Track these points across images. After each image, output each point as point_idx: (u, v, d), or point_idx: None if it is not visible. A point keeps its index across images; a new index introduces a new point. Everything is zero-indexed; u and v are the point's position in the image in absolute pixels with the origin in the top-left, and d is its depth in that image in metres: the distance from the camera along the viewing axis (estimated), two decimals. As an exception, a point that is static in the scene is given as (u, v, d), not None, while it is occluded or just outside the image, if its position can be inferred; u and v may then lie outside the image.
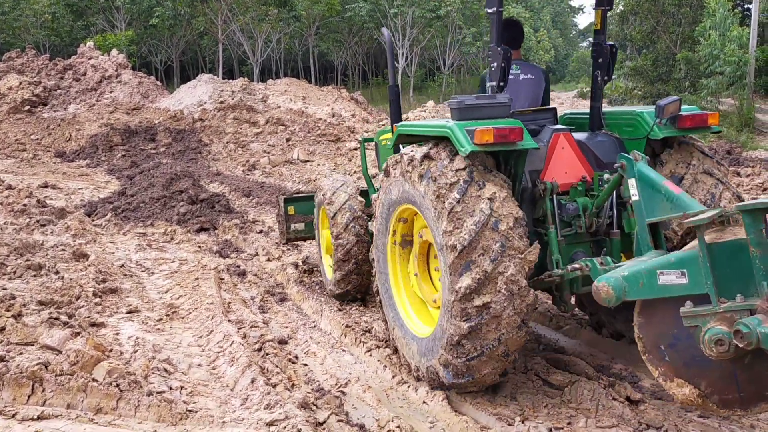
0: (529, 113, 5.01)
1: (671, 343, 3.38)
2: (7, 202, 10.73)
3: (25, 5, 44.52)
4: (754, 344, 2.95)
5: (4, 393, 4.34)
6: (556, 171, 4.58)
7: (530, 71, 5.32)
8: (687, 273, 3.23)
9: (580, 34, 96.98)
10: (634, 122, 4.76)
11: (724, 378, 3.25)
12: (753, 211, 3.01)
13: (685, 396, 3.36)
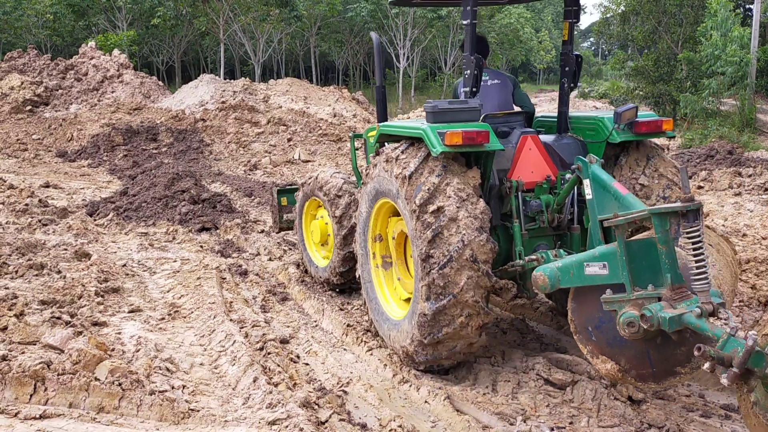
0: (501, 116, 5.44)
1: (597, 325, 3.83)
2: (9, 201, 10.73)
3: (26, 5, 44.52)
4: (655, 326, 3.40)
5: (6, 392, 4.35)
6: (523, 170, 5.00)
7: (497, 77, 5.79)
8: (608, 265, 3.70)
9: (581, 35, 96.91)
10: (595, 127, 5.15)
11: (639, 356, 3.70)
12: (660, 215, 3.44)
13: (607, 371, 3.80)
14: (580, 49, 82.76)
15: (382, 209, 5.33)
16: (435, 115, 4.72)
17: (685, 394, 4.76)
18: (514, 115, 5.56)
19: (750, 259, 7.40)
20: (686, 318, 3.33)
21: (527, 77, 72.74)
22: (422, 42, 39.62)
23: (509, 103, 5.75)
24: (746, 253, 7.76)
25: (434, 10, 36.48)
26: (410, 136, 4.93)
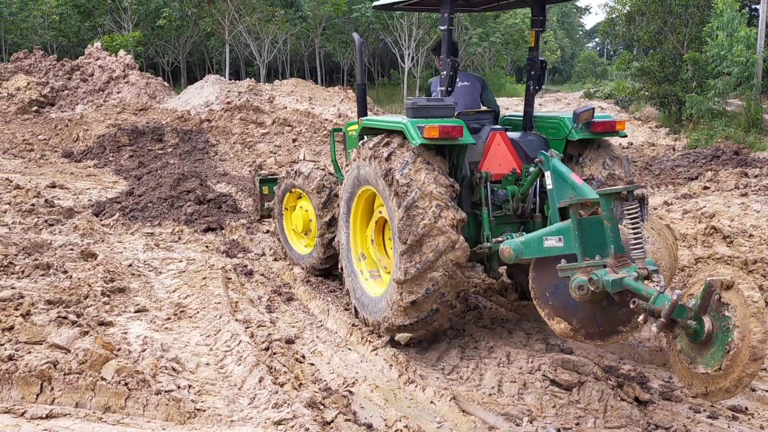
0: (472, 114, 5.97)
1: (553, 291, 4.39)
2: (15, 202, 10.77)
3: (32, 6, 44.67)
4: (600, 288, 3.98)
5: (13, 391, 4.36)
6: (492, 163, 5.52)
7: (467, 79, 6.30)
8: (563, 239, 4.32)
9: (586, 35, 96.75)
10: (557, 126, 5.71)
11: (588, 317, 4.26)
12: (606, 195, 4.06)
13: (561, 330, 4.37)
14: (586, 49, 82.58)
15: (363, 196, 5.81)
16: (414, 111, 5.20)
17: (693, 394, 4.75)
18: (484, 114, 6.11)
19: (756, 260, 7.37)
20: (626, 281, 3.90)
21: (532, 77, 72.62)
22: (427, 42, 39.57)
23: (477, 102, 6.28)
24: (753, 253, 7.73)
25: (439, 11, 36.45)
26: (391, 130, 5.41)
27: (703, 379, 3.52)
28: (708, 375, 3.47)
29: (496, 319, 6.11)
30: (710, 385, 3.47)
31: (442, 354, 5.44)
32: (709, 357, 3.48)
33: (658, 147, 19.87)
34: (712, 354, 3.47)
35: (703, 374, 3.51)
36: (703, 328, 3.48)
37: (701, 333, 3.49)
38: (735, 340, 3.31)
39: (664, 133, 23.22)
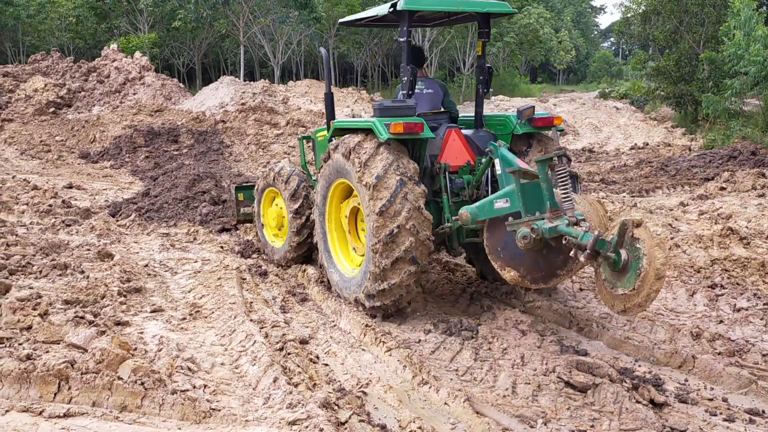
0: (431, 115, 6.75)
1: (503, 245, 5.23)
2: (33, 202, 10.89)
3: (50, 8, 45.11)
4: (540, 235, 4.80)
5: (31, 390, 4.41)
6: (449, 156, 6.30)
7: (431, 87, 6.97)
8: (509, 200, 5.19)
9: (601, 34, 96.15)
10: (504, 123, 6.62)
11: (532, 264, 5.08)
12: (541, 161, 4.85)
13: (512, 277, 5.19)
14: (601, 49, 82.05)
15: (337, 190, 6.59)
16: (381, 111, 6.01)
17: (708, 397, 4.72)
18: (441, 115, 6.87)
19: (774, 262, 7.30)
20: (559, 227, 4.71)
21: (547, 78, 72.23)
22: (441, 43, 39.52)
23: (439, 106, 6.98)
24: (770, 255, 7.66)
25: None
26: (362, 128, 6.17)
27: (622, 298, 4.32)
28: (625, 295, 4.28)
29: (509, 320, 6.10)
30: (627, 303, 4.29)
31: (455, 355, 5.44)
32: (626, 281, 4.29)
33: (674, 147, 19.73)
34: (628, 278, 4.27)
35: (621, 295, 4.31)
36: (620, 258, 4.29)
37: (619, 262, 4.30)
38: (644, 265, 4.12)
39: (680, 133, 23.04)
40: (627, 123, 26.51)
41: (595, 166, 16.13)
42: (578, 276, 7.39)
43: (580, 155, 18.08)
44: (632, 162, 16.74)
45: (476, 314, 6.40)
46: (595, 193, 11.49)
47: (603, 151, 19.76)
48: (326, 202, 6.71)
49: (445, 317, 6.22)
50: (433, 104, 6.88)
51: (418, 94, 6.75)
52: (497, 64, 48.74)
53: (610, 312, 6.29)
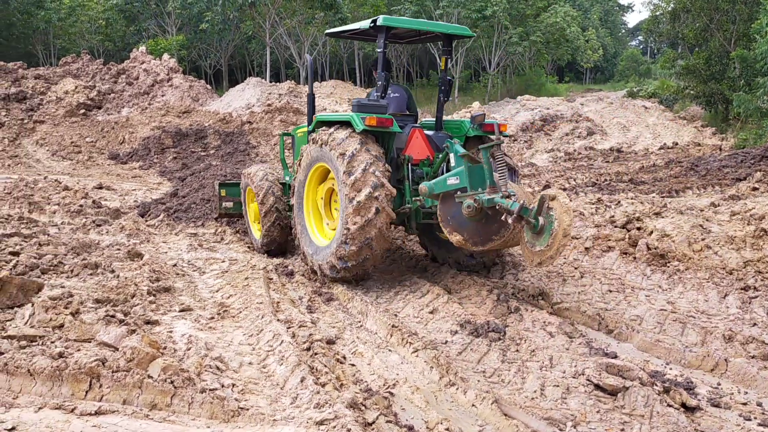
0: (398, 116, 7.71)
1: (452, 215, 6.30)
2: (64, 202, 11.07)
3: (80, 11, 45.90)
4: (481, 206, 5.94)
5: (63, 388, 4.47)
6: (412, 150, 7.39)
7: (397, 91, 8.08)
8: (459, 178, 6.28)
9: (629, 33, 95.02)
10: (459, 126, 7.69)
11: (474, 230, 6.18)
12: (484, 148, 6.09)
13: (457, 240, 6.27)
14: (629, 48, 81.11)
15: (316, 173, 7.56)
16: (358, 107, 7.10)
17: (742, 401, 4.63)
18: (408, 116, 7.96)
19: (809, 264, 7.14)
20: (495, 199, 5.84)
21: (573, 77, 71.59)
22: (466, 42, 39.39)
23: (404, 108, 8.02)
24: (805, 257, 7.49)
25: (479, 10, 36.24)
26: (341, 121, 7.23)
27: (539, 254, 5.47)
28: (541, 251, 5.44)
29: (537, 321, 6.05)
30: (542, 257, 5.43)
31: (483, 356, 5.41)
32: (542, 240, 5.44)
33: (704, 147, 19.42)
34: (544, 238, 5.42)
35: (538, 251, 5.48)
36: (538, 223, 5.46)
37: (537, 226, 5.47)
38: (555, 227, 5.29)
39: (710, 132, 22.67)
40: (656, 122, 26.14)
41: (623, 166, 15.94)
42: (607, 278, 7.31)
43: (608, 155, 17.88)
44: (661, 162, 16.51)
45: (503, 315, 6.35)
46: (624, 194, 11.36)
47: (631, 151, 19.51)
48: (305, 185, 7.68)
49: (472, 318, 6.19)
50: (399, 107, 7.97)
51: (388, 97, 7.82)
52: (523, 64, 48.44)
53: (640, 315, 6.22)
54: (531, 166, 16.19)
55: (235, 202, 9.82)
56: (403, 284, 7.36)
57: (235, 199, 9.81)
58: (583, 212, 9.89)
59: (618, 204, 10.27)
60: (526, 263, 5.99)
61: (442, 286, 7.20)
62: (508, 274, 7.65)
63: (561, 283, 7.29)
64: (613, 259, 7.87)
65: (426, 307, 6.61)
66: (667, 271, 7.30)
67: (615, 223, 9.10)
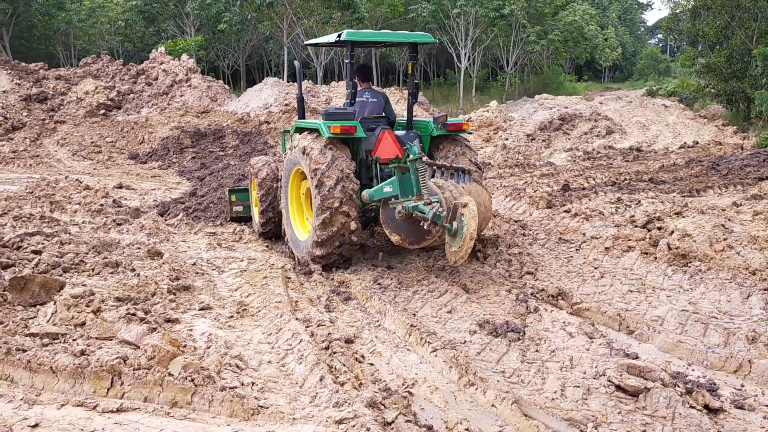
0: (371, 119, 8.45)
1: (390, 218, 7.04)
2: (85, 202, 11.18)
3: (100, 13, 46.38)
4: (407, 211, 6.69)
5: (85, 385, 4.52)
6: (381, 151, 7.99)
7: (375, 97, 8.65)
8: (392, 186, 7.03)
9: (648, 31, 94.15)
10: (425, 126, 8.34)
11: (408, 231, 6.93)
12: (413, 161, 6.62)
13: (396, 240, 7.04)
14: (648, 46, 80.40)
15: (296, 174, 8.24)
16: (326, 116, 7.69)
17: (766, 403, 4.56)
18: (380, 119, 8.56)
19: (835, 264, 7.02)
20: (419, 207, 6.54)
21: (592, 75, 71.07)
22: (484, 41, 39.25)
23: (380, 111, 8.61)
24: (830, 257, 7.37)
25: (497, 9, 36.09)
26: (312, 128, 7.96)
27: (453, 253, 6.38)
28: (455, 251, 6.34)
29: (557, 322, 6.01)
30: (455, 256, 6.36)
31: (502, 357, 5.38)
32: (456, 242, 6.32)
33: (725, 146, 19.18)
34: (457, 240, 6.29)
35: (453, 251, 6.38)
36: (452, 227, 6.30)
37: (451, 230, 6.32)
38: (465, 231, 6.18)
39: (731, 131, 22.38)
40: (676, 121, 25.87)
41: (643, 165, 15.79)
42: (628, 278, 7.25)
43: (627, 154, 17.72)
44: (682, 161, 16.34)
45: (522, 315, 6.32)
46: (644, 193, 11.25)
47: (651, 150, 19.32)
48: (289, 182, 8.40)
49: (491, 318, 6.16)
50: (376, 111, 8.60)
51: (365, 102, 8.54)
52: (541, 63, 48.20)
53: (661, 315, 6.17)
54: (549, 165, 16.08)
55: (244, 206, 10.35)
56: (421, 284, 7.34)
57: (244, 203, 10.35)
58: (602, 212, 9.82)
59: (638, 203, 10.17)
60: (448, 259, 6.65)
61: (461, 285, 7.17)
62: (527, 274, 7.61)
63: (581, 283, 7.24)
64: (633, 259, 7.80)
65: (444, 307, 6.60)
66: (689, 271, 7.22)
67: (635, 223, 9.02)
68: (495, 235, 8.99)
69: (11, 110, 22.01)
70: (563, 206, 10.44)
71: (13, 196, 11.71)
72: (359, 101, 8.46)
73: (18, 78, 24.00)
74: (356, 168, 7.82)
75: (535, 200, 10.88)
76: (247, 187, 10.40)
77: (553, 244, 8.76)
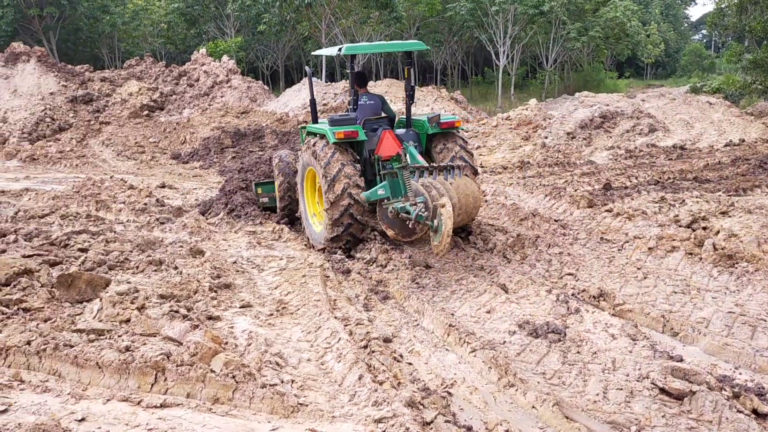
0: (373, 120, 9.17)
1: (385, 216, 7.64)
2: (130, 201, 11.42)
3: (143, 15, 47.32)
4: (396, 210, 7.40)
5: (130, 381, 4.62)
6: (383, 149, 8.74)
7: (372, 99, 9.45)
8: (385, 189, 7.93)
9: (692, 26, 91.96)
10: (422, 124, 9.12)
11: (400, 227, 7.58)
12: (400, 168, 7.63)
13: (391, 234, 7.70)
14: (691, 42, 78.60)
15: (309, 174, 9.24)
16: (331, 122, 8.65)
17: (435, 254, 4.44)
18: (382, 119, 9.28)
19: None
20: (406, 207, 7.30)
21: (633, 72, 69.77)
22: (523, 39, 38.85)
23: (379, 112, 9.42)
24: None
25: (536, 6, 35.69)
26: (320, 133, 8.82)
27: (435, 246, 7.03)
28: (437, 244, 6.98)
29: (598, 323, 5.92)
30: (437, 249, 6.99)
31: (542, 358, 5.32)
32: (437, 237, 6.97)
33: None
34: (438, 235, 6.95)
35: (435, 244, 7.04)
36: (433, 224, 7.01)
37: (433, 226, 7.02)
38: (443, 228, 6.82)
39: (780, 128, 21.71)
40: (721, 119, 25.20)
41: (687, 163, 15.43)
42: (672, 279, 7.10)
43: (671, 152, 17.34)
44: (727, 159, 15.91)
45: (563, 316, 6.24)
46: (688, 192, 11.00)
47: (695, 148, 18.86)
48: (304, 179, 9.38)
49: (530, 319, 6.10)
50: (374, 112, 9.37)
51: (365, 105, 9.34)
52: (581, 60, 47.50)
53: (707, 317, 6.03)
54: (590, 163, 15.83)
55: (270, 198, 11.18)
56: (460, 283, 7.31)
57: (270, 194, 11.18)
58: (645, 211, 9.63)
59: (682, 203, 9.96)
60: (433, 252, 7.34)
61: (499, 285, 7.12)
62: (568, 274, 7.51)
63: (623, 284, 7.12)
64: (677, 260, 7.64)
65: (483, 307, 6.56)
66: (735, 272, 7.03)
67: (679, 223, 8.82)
68: (535, 235, 8.90)
69: (58, 111, 22.61)
70: (605, 205, 10.27)
71: (61, 195, 12.02)
72: (360, 105, 9.32)
73: (65, 80, 24.63)
74: (361, 167, 8.67)
75: (575, 199, 10.73)
76: (271, 180, 11.15)
77: (595, 243, 8.62)
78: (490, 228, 9.60)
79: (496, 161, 16.57)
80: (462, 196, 7.55)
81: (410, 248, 8.79)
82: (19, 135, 20.90)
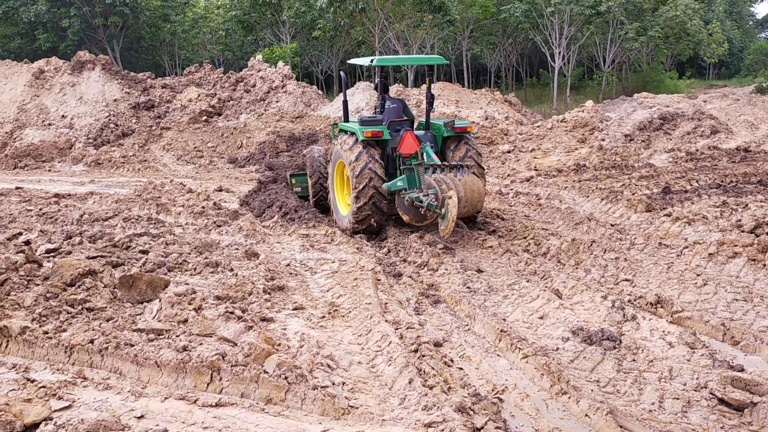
0: (397, 121, 10.39)
1: (403, 203, 9.01)
2: (188, 204, 11.72)
3: (202, 23, 48.51)
4: (412, 200, 8.86)
5: (186, 380, 4.75)
6: (404, 147, 9.71)
7: (394, 102, 10.73)
8: (403, 181, 9.09)
9: (758, 25, 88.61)
10: (439, 128, 10.20)
11: (415, 213, 8.93)
12: (417, 165, 9.01)
13: (407, 219, 9.10)
14: (757, 41, 75.74)
15: (339, 165, 10.40)
16: (361, 123, 9.85)
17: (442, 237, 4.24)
18: (405, 121, 10.54)
19: None
20: (420, 197, 8.62)
21: (695, 72, 67.69)
22: (579, 40, 38.17)
23: (401, 114, 10.64)
24: None
25: (593, 6, 35.03)
26: (351, 131, 10.01)
27: (443, 230, 8.31)
28: (444, 228, 8.30)
29: (655, 330, 5.78)
30: (444, 233, 8.31)
31: (596, 365, 5.23)
32: (444, 222, 8.26)
33: None
34: (444, 221, 8.25)
35: (442, 228, 8.33)
36: (441, 212, 8.32)
37: (441, 213, 8.34)
38: (448, 215, 8.11)
39: None
40: (789, 119, 24.21)
41: (751, 166, 14.88)
42: (733, 286, 6.87)
43: (734, 155, 16.76)
44: (795, 162, 15.28)
45: (618, 323, 6.11)
46: (752, 196, 10.61)
47: (760, 150, 18.18)
48: (334, 170, 10.53)
49: (584, 325, 6.00)
50: (397, 114, 10.63)
51: (389, 108, 10.61)
52: (640, 60, 46.37)
53: None
54: (649, 166, 15.44)
55: (302, 187, 12.55)
56: (512, 288, 7.25)
57: (303, 184, 12.56)
58: (706, 216, 9.35)
59: (745, 207, 9.62)
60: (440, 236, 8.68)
61: (553, 291, 7.02)
62: (624, 280, 7.35)
63: (682, 291, 6.93)
64: (739, 266, 7.38)
65: (535, 312, 6.48)
66: (802, 280, 6.76)
67: (742, 228, 8.53)
68: (590, 240, 8.74)
69: (121, 117, 23.39)
70: (663, 209, 10.01)
71: (123, 198, 12.44)
72: (386, 108, 10.64)
73: (128, 87, 25.45)
74: (384, 161, 9.85)
75: (633, 203, 10.49)
76: (304, 171, 12.45)
77: (653, 249, 8.42)
78: (543, 232, 9.47)
79: (550, 164, 16.33)
80: (468, 191, 8.68)
81: (461, 252, 8.76)
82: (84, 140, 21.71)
